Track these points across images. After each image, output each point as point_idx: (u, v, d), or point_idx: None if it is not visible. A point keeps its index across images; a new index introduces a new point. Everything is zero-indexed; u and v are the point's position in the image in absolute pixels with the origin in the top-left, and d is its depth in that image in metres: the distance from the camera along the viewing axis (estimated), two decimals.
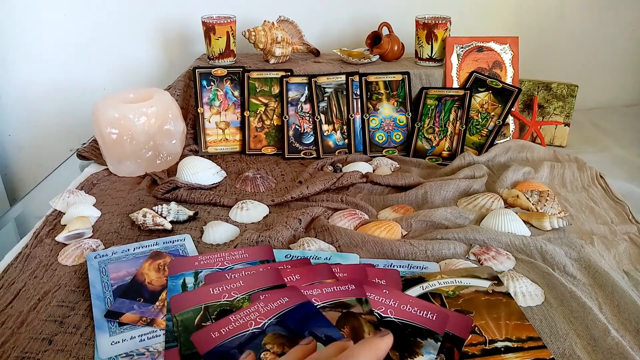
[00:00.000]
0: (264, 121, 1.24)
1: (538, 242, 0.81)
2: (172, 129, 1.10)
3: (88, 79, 1.52)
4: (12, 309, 0.69)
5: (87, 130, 1.32)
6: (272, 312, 0.61)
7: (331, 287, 0.66)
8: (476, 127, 1.22)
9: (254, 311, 0.61)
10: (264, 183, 1.06)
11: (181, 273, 0.73)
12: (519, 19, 1.51)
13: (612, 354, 0.61)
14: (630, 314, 0.67)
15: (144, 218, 0.87)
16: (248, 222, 0.92)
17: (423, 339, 0.59)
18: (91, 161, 1.19)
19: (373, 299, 0.64)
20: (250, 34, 1.28)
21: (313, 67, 1.29)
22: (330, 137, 1.23)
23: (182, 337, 0.60)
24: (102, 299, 0.69)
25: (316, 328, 0.58)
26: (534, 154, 1.18)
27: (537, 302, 0.69)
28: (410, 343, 0.59)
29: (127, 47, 1.50)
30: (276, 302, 0.62)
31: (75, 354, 0.61)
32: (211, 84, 1.24)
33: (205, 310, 0.64)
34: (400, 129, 1.24)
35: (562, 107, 1.28)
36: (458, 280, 0.71)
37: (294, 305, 0.62)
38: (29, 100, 1.53)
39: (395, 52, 1.33)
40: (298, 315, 0.60)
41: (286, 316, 0.60)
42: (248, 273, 0.71)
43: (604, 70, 1.58)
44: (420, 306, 0.64)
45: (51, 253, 0.82)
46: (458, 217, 0.91)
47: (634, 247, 0.83)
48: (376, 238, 0.82)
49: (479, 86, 1.24)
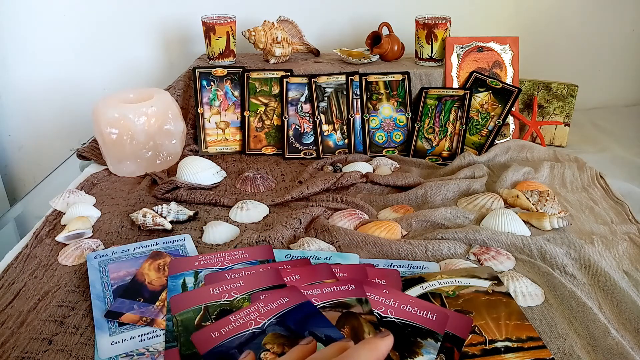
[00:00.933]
0: (264, 121, 1.24)
1: (538, 242, 0.81)
2: (172, 129, 1.10)
3: (88, 79, 1.52)
4: (12, 309, 0.69)
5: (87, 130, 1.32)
6: (272, 312, 0.61)
7: (331, 287, 0.66)
8: (476, 127, 1.22)
9: (254, 311, 0.61)
10: (264, 183, 1.06)
11: (181, 273, 0.73)
12: (519, 19, 1.51)
13: (612, 354, 0.61)
14: (630, 314, 0.67)
15: (144, 218, 0.87)
16: (248, 222, 0.92)
17: (423, 339, 0.59)
18: (91, 161, 1.19)
19: (373, 299, 0.64)
20: (250, 34, 1.28)
21: (313, 67, 1.29)
22: (330, 137, 1.23)
23: (182, 337, 0.60)
24: (102, 299, 0.69)
25: (316, 328, 0.58)
26: (534, 154, 1.18)
27: (537, 302, 0.69)
28: (410, 343, 0.59)
29: (127, 47, 1.50)
30: (276, 302, 0.62)
31: (75, 354, 0.61)
32: (211, 84, 1.24)
33: (205, 310, 0.64)
34: (400, 129, 1.24)
35: (562, 107, 1.28)
36: (458, 280, 0.71)
37: (294, 305, 0.62)
38: (29, 100, 1.53)
39: (395, 52, 1.33)
40: (298, 315, 0.60)
41: (286, 316, 0.60)
42: (248, 273, 0.71)
43: (604, 70, 1.58)
44: (420, 306, 0.63)
45: (51, 253, 0.82)
46: (458, 217, 0.91)
47: (634, 247, 0.83)
48: (376, 238, 0.82)
49: (479, 86, 1.24)
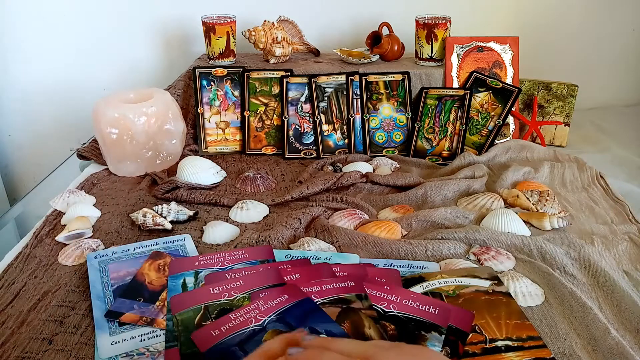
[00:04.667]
0: (264, 121, 1.24)
1: (538, 242, 0.81)
2: (172, 129, 1.10)
3: (88, 79, 1.52)
4: (12, 309, 0.69)
5: (87, 130, 1.32)
6: (272, 309, 0.61)
7: (331, 284, 0.66)
8: (476, 127, 1.22)
9: (254, 309, 0.61)
10: (264, 183, 1.06)
11: (181, 273, 0.73)
12: (519, 18, 1.51)
13: (612, 353, 0.61)
14: (630, 314, 0.67)
15: (144, 218, 0.87)
16: (248, 222, 0.92)
17: (427, 332, 0.59)
18: (91, 161, 1.19)
19: (375, 295, 0.64)
20: (250, 34, 1.28)
21: (313, 67, 1.29)
22: (330, 137, 1.23)
23: (182, 337, 0.60)
24: (102, 299, 0.69)
25: (316, 324, 0.58)
26: (534, 154, 1.18)
27: (537, 302, 0.69)
28: (415, 337, 0.59)
29: (127, 47, 1.50)
30: (276, 299, 0.62)
31: (75, 354, 0.61)
32: (211, 84, 1.23)
33: (205, 310, 0.64)
34: (400, 129, 1.24)
35: (562, 107, 1.28)
36: (458, 280, 0.71)
37: (294, 302, 0.62)
38: (29, 100, 1.53)
39: (395, 52, 1.33)
40: (298, 312, 0.60)
41: (286, 313, 0.60)
42: (248, 273, 0.71)
43: (604, 70, 1.58)
44: (422, 301, 0.64)
45: (51, 253, 0.82)
46: (458, 217, 0.91)
47: (634, 247, 0.83)
48: (376, 238, 0.82)
49: (479, 86, 1.24)
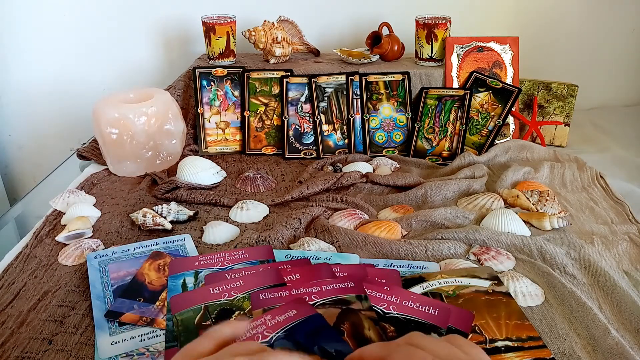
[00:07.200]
0: (264, 121, 1.24)
1: (538, 242, 0.81)
2: (172, 129, 1.10)
3: (88, 79, 1.52)
4: (12, 309, 0.69)
5: (87, 130, 1.32)
6: (280, 325, 0.58)
7: (330, 285, 0.66)
8: (476, 127, 1.22)
9: (261, 324, 0.59)
10: (264, 183, 1.06)
11: (181, 273, 0.73)
12: (519, 18, 1.51)
13: (612, 354, 0.61)
14: (630, 314, 0.67)
15: (144, 218, 0.87)
16: (248, 222, 0.92)
17: (427, 333, 0.59)
18: (91, 161, 1.19)
19: (375, 296, 0.64)
20: (250, 34, 1.28)
21: (313, 67, 1.29)
22: (330, 137, 1.23)
23: (182, 337, 0.60)
24: (102, 299, 0.69)
25: (325, 342, 0.56)
26: (534, 154, 1.18)
27: (537, 302, 0.69)
28: None
29: (127, 47, 1.50)
30: (284, 314, 0.60)
31: (75, 354, 0.61)
32: (211, 84, 1.23)
33: (205, 310, 0.64)
34: (400, 129, 1.24)
35: (562, 107, 1.28)
36: (458, 280, 0.71)
37: (302, 317, 0.60)
38: (29, 100, 1.53)
39: (395, 52, 1.33)
40: (307, 328, 0.58)
41: (294, 329, 0.58)
42: (248, 273, 0.71)
43: (604, 70, 1.58)
44: (422, 302, 0.64)
45: (51, 253, 0.82)
46: (458, 217, 0.91)
47: (634, 247, 0.83)
48: (376, 238, 0.82)
49: (479, 86, 1.24)
